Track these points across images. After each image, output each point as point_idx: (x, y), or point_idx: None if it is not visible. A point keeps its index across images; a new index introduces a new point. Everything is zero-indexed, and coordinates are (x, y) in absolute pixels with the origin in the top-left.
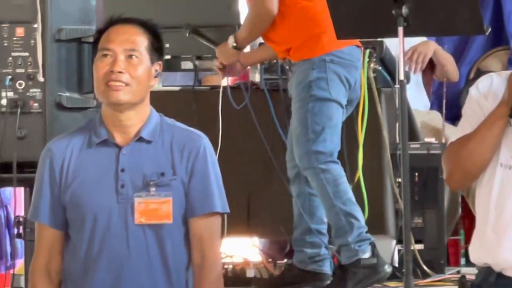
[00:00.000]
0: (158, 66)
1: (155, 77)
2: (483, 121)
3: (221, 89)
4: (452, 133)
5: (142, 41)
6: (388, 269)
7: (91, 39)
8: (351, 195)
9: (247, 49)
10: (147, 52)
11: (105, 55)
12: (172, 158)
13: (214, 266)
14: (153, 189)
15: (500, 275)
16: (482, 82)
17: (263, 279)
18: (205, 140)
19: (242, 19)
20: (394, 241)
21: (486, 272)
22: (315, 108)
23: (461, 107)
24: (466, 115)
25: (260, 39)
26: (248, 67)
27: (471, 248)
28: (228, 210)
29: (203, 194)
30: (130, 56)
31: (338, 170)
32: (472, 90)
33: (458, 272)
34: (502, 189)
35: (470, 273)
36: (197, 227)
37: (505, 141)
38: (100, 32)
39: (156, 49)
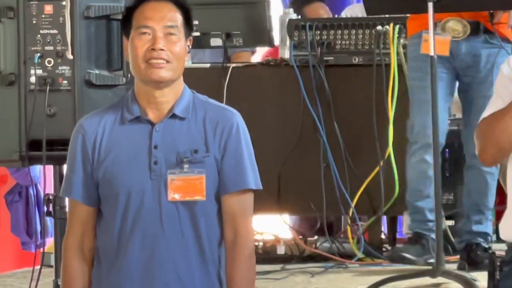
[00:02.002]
0: (189, 42)
1: (188, 52)
2: None
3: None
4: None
5: (178, 17)
6: None
7: (120, 16)
8: None
9: None
10: (183, 28)
11: (144, 33)
12: (205, 135)
13: (246, 243)
14: (186, 166)
15: None
16: None
17: None
18: (238, 117)
19: None
20: None
21: None
22: None
23: None
24: (498, 91)
25: None
26: (277, 44)
27: (502, 225)
28: (261, 187)
29: (236, 171)
30: (170, 33)
31: None
32: (504, 67)
33: (490, 248)
34: None
35: (501, 249)
36: (230, 204)
37: None
38: (129, 9)
39: (189, 25)
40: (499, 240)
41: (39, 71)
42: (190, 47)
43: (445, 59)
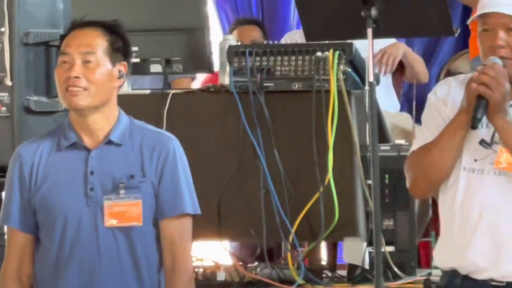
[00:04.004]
0: (122, 67)
1: (120, 78)
2: (444, 130)
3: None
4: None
5: (99, 43)
6: None
7: (58, 43)
8: None
9: None
10: (105, 54)
11: (64, 61)
12: (142, 161)
13: (185, 269)
14: (122, 191)
15: (465, 277)
16: (440, 88)
17: None
18: (175, 142)
19: (210, 23)
20: (365, 243)
21: (452, 274)
22: None
23: None
24: (426, 122)
25: None
26: (217, 70)
27: (436, 253)
28: (199, 212)
29: (173, 195)
30: (87, 60)
31: None
32: (431, 96)
33: (429, 274)
34: (467, 192)
35: (439, 274)
36: (168, 229)
37: (466, 146)
38: (62, 37)
39: (118, 50)
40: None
41: None
42: (124, 71)
43: None
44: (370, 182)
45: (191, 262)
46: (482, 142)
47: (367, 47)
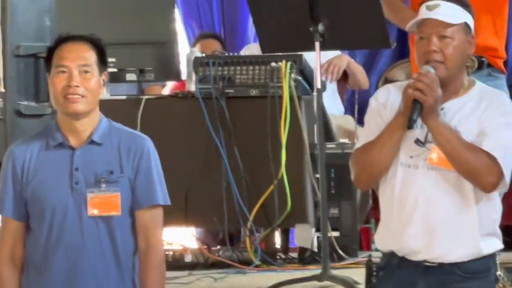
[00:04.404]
0: (104, 76)
1: (103, 86)
2: (384, 130)
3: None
4: (359, 138)
5: (91, 56)
6: None
7: (45, 55)
8: None
9: None
10: (96, 65)
11: (62, 71)
12: (120, 158)
13: (157, 252)
14: (103, 185)
15: (402, 259)
16: (381, 94)
17: None
18: (149, 142)
19: (178, 37)
20: (314, 229)
21: (390, 256)
22: None
23: None
24: (369, 123)
25: None
26: (185, 78)
27: (377, 237)
28: (169, 203)
29: (147, 189)
30: (84, 71)
31: None
32: (372, 101)
33: (369, 256)
34: (404, 185)
35: (379, 256)
36: (142, 218)
37: (403, 144)
38: (51, 49)
39: (102, 62)
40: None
41: None
42: (105, 81)
43: None
44: (318, 175)
45: (162, 246)
46: (417, 141)
47: (315, 58)
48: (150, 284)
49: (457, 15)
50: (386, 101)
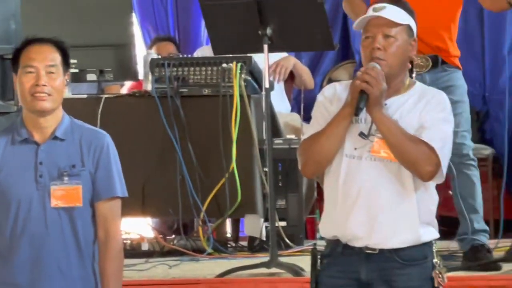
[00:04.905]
0: (67, 76)
1: (66, 85)
2: (331, 120)
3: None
4: (306, 130)
5: (57, 57)
6: None
7: (11, 56)
8: None
9: None
10: (61, 66)
11: (29, 71)
12: (81, 153)
13: (116, 241)
14: (66, 178)
15: (346, 246)
16: (327, 90)
17: None
18: (108, 138)
19: (135, 39)
20: (262, 219)
21: (334, 243)
22: None
23: None
24: (316, 117)
25: None
26: (141, 78)
27: (322, 225)
28: (127, 195)
29: (106, 182)
30: (50, 72)
31: None
32: (319, 97)
33: (315, 244)
34: (348, 175)
35: (324, 244)
36: (102, 209)
37: (348, 136)
38: (18, 50)
39: (66, 63)
40: (323, 237)
41: None
42: (68, 80)
43: None
44: (266, 169)
45: (121, 236)
46: (361, 134)
47: (263, 59)
48: (109, 272)
49: (402, 17)
50: (333, 96)
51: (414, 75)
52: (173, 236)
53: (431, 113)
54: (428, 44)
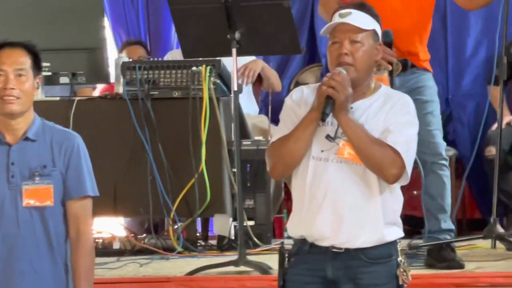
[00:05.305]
0: (38, 80)
1: (37, 88)
2: (298, 124)
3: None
4: (274, 133)
5: (26, 61)
6: None
7: None
8: None
9: None
10: (31, 69)
11: None
12: (52, 154)
13: (87, 239)
14: (37, 178)
15: (312, 245)
16: (295, 93)
17: None
18: (79, 139)
19: (107, 43)
20: (231, 219)
21: (301, 242)
22: None
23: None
24: (284, 120)
25: None
26: (113, 81)
27: (289, 224)
28: (98, 194)
29: (77, 181)
30: (19, 75)
31: None
32: (287, 100)
33: (282, 243)
34: (315, 176)
35: (291, 243)
36: (73, 208)
37: (315, 139)
38: None
39: (37, 66)
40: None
41: None
42: (39, 84)
43: None
44: (234, 170)
45: (92, 234)
46: (328, 136)
47: (232, 63)
48: (81, 269)
49: (367, 23)
50: (300, 99)
51: (385, 74)
52: (144, 235)
53: (396, 116)
54: (399, 49)
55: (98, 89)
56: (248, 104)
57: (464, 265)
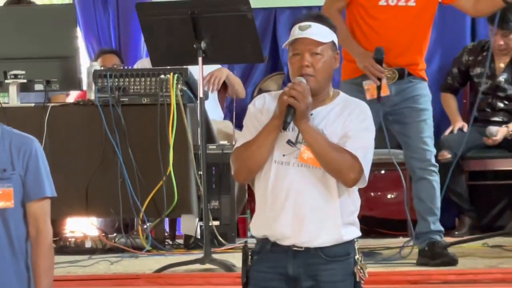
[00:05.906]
0: None
1: None
2: (261, 131)
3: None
4: (238, 138)
5: None
6: None
7: None
8: None
9: None
10: None
11: None
12: (11, 158)
13: (46, 238)
14: None
15: (274, 244)
16: (258, 101)
17: None
18: (36, 143)
19: (80, 52)
20: (197, 219)
21: (264, 241)
22: None
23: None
24: (247, 126)
25: None
26: (85, 88)
27: (253, 225)
28: (55, 194)
29: (36, 184)
30: None
31: None
32: (250, 107)
33: (246, 242)
34: (277, 179)
35: (254, 242)
36: (33, 209)
37: (277, 145)
38: None
39: None
40: (253, 236)
41: None
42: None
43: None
44: (200, 172)
45: (51, 233)
46: (289, 141)
47: (198, 71)
48: (41, 267)
49: (326, 35)
50: (262, 106)
51: (384, 81)
52: (115, 234)
53: (354, 122)
54: (398, 61)
55: (73, 96)
56: (214, 110)
57: (457, 260)
